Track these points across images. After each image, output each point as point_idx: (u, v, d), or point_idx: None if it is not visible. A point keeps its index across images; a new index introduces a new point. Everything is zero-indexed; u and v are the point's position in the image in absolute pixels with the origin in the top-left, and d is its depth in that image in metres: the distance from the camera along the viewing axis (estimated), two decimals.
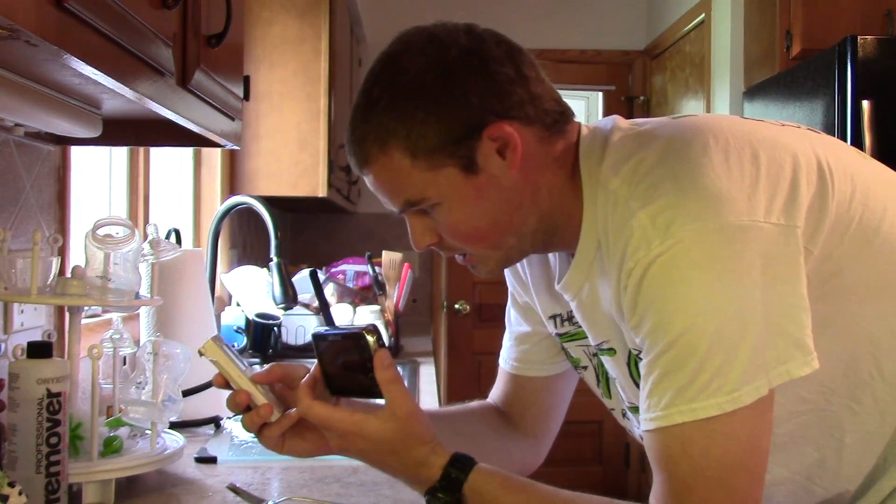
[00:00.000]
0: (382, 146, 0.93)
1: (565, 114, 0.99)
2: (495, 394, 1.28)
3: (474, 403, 1.28)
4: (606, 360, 1.04)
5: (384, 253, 2.83)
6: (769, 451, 0.87)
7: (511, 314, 1.24)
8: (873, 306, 0.94)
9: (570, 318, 1.09)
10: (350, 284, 2.99)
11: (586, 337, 1.07)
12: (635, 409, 1.04)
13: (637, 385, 0.97)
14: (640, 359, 0.91)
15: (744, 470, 0.85)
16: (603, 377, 1.11)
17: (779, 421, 0.91)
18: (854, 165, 0.97)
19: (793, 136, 0.96)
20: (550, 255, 1.09)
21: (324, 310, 2.42)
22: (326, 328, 1.08)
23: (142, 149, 2.16)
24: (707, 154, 0.89)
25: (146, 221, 2.18)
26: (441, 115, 0.91)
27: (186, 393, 1.37)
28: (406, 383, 2.25)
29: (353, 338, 0.97)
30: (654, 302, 0.85)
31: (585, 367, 1.13)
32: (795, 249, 0.86)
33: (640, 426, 0.90)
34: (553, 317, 1.13)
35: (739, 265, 0.83)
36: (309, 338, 2.68)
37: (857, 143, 2.40)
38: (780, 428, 0.93)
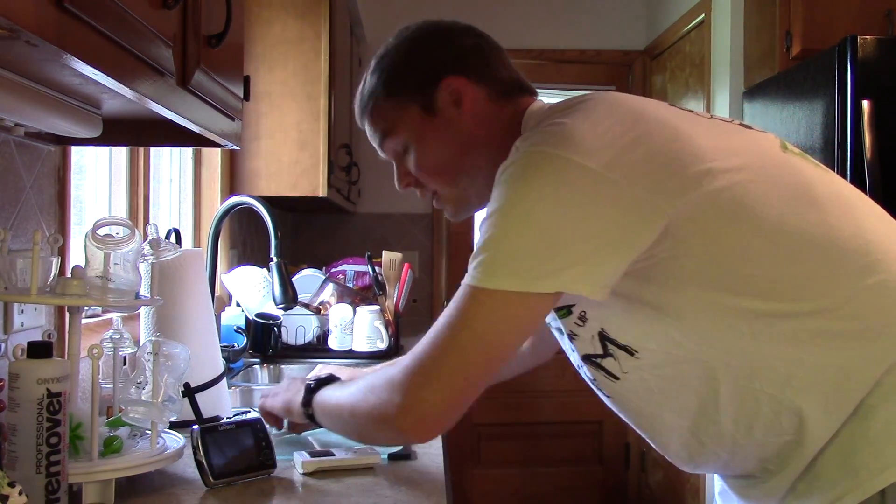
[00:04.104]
0: (370, 96, 1.24)
1: (520, 85, 1.23)
2: None
3: None
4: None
5: (384, 253, 2.83)
6: (514, 347, 1.02)
7: None
8: (739, 272, 1.00)
9: None
10: (350, 284, 2.99)
11: None
12: (585, 358, 1.15)
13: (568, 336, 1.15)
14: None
15: (483, 340, 0.99)
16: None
17: (658, 363, 1.05)
18: (758, 156, 1.05)
19: (698, 124, 1.06)
20: None
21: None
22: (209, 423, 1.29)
23: (142, 149, 2.16)
24: (593, 109, 1.03)
25: (146, 221, 2.18)
26: (407, 66, 1.21)
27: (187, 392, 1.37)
28: None
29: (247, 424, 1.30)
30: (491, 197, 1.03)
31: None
32: (624, 204, 0.96)
33: None
34: None
35: (553, 182, 0.97)
36: (309, 338, 2.68)
37: (857, 143, 2.40)
38: (660, 370, 1.06)
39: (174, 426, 1.29)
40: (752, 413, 1.03)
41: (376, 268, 2.79)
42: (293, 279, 2.36)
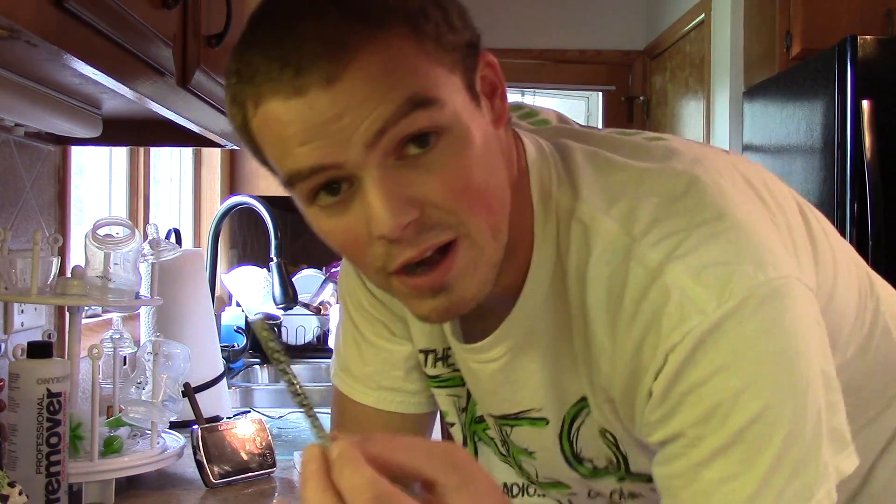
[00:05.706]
0: (379, 25, 0.62)
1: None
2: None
3: None
4: (525, 430, 0.82)
5: None
6: None
7: (361, 328, 0.93)
8: None
9: (446, 357, 0.87)
10: None
11: (461, 385, 0.87)
12: (554, 486, 0.86)
13: (569, 462, 0.81)
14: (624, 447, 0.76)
15: None
16: (471, 441, 0.91)
17: None
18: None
19: (760, 170, 0.82)
20: None
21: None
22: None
23: (142, 149, 2.16)
24: (725, 192, 0.71)
25: (146, 221, 2.18)
26: (450, 9, 0.66)
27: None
28: None
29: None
30: (711, 382, 0.64)
31: (452, 424, 0.92)
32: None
33: None
34: (425, 352, 0.89)
35: (805, 329, 0.65)
36: (309, 338, 2.68)
37: (857, 143, 2.40)
38: None
39: (174, 426, 1.29)
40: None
41: None
42: (293, 279, 2.36)
